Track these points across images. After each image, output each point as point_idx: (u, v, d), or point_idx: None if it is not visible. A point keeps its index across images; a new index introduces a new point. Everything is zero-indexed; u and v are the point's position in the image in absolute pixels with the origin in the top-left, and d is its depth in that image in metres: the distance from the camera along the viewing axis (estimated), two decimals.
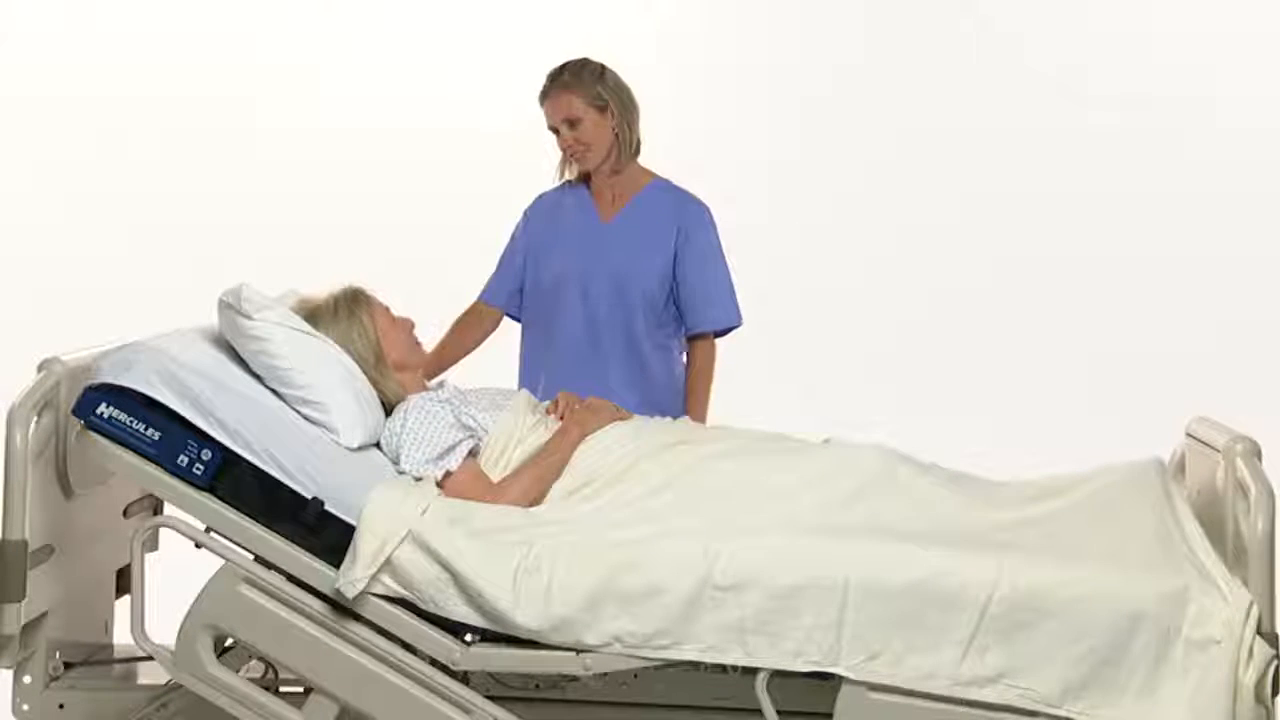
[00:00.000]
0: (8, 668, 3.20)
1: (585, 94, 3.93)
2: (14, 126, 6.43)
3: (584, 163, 4.00)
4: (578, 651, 2.96)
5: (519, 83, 4.04)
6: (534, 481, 3.22)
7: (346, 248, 5.85)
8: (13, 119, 6.45)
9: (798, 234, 6.47)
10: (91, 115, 6.46)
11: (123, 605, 3.34)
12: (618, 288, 3.98)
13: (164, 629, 3.10)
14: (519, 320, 4.14)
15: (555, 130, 3.98)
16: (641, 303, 3.98)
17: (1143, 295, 6.43)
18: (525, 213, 4.14)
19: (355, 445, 3.18)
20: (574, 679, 3.26)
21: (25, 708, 3.23)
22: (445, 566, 2.96)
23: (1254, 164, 6.42)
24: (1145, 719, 2.82)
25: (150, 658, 3.13)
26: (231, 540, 3.06)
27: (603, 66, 3.99)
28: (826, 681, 2.92)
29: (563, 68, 3.98)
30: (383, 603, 3.00)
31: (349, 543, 2.98)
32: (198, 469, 3.04)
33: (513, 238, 4.14)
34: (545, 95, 3.97)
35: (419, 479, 3.17)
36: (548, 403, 3.55)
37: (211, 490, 3.05)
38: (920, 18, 6.63)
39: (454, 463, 3.21)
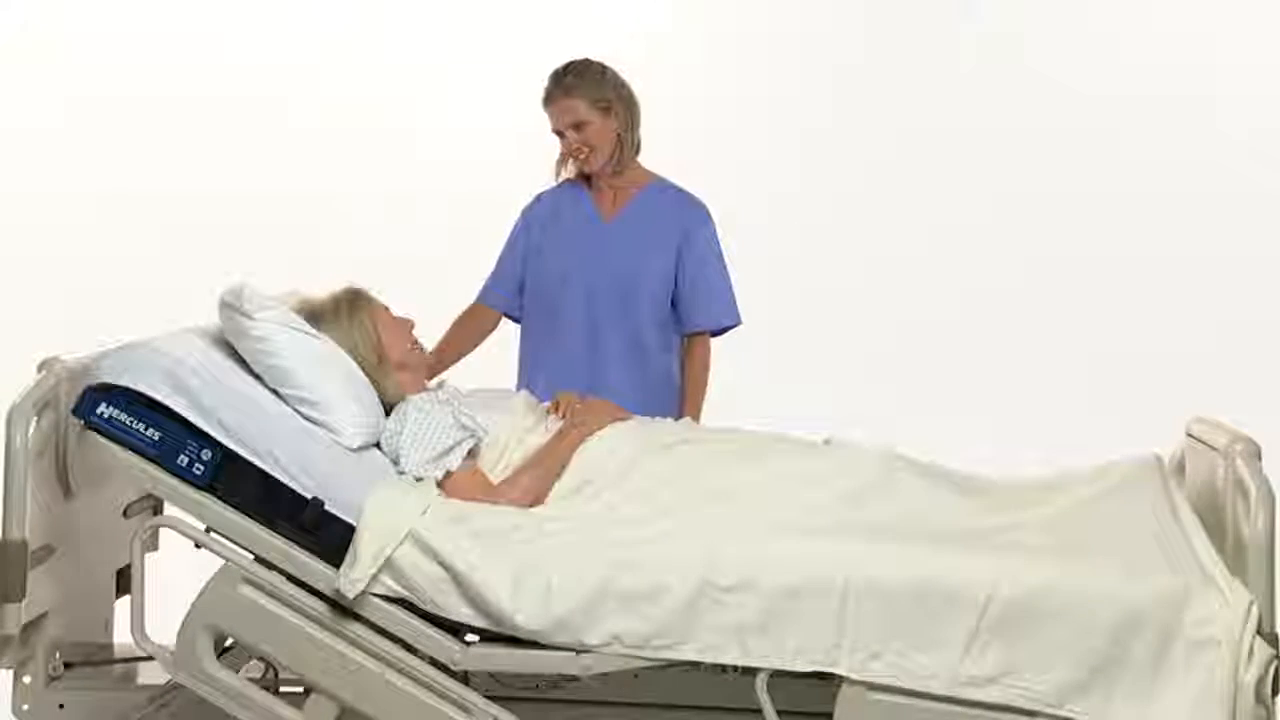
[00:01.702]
0: (8, 668, 3.20)
1: (589, 97, 3.92)
2: (14, 126, 6.43)
3: (588, 165, 3.99)
4: (578, 651, 2.96)
5: (520, 82, 4.04)
6: (534, 482, 3.22)
7: (347, 248, 5.85)
8: (12, 119, 6.45)
9: (798, 234, 6.47)
10: (91, 115, 6.46)
11: (123, 605, 3.34)
12: (620, 288, 3.98)
13: (164, 629, 3.10)
14: (518, 321, 4.14)
15: (560, 133, 3.98)
16: (643, 302, 3.98)
17: (1143, 295, 6.42)
18: (524, 213, 4.13)
19: (355, 445, 3.18)
20: (574, 679, 3.26)
21: (25, 708, 3.23)
22: (445, 567, 2.96)
23: (1254, 164, 6.42)
24: (1145, 719, 2.83)
25: (150, 658, 3.13)
26: (231, 540, 3.06)
27: (604, 67, 3.97)
28: (826, 681, 2.92)
29: (566, 70, 3.96)
30: (383, 603, 3.00)
31: (349, 543, 2.98)
32: (198, 469, 3.04)
33: (511, 238, 4.13)
34: (549, 99, 3.95)
35: (419, 479, 3.17)
36: (547, 403, 3.55)
37: (211, 490, 3.05)
38: (921, 17, 6.63)
39: (454, 463, 3.21)
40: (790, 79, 6.56)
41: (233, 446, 3.05)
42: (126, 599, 3.24)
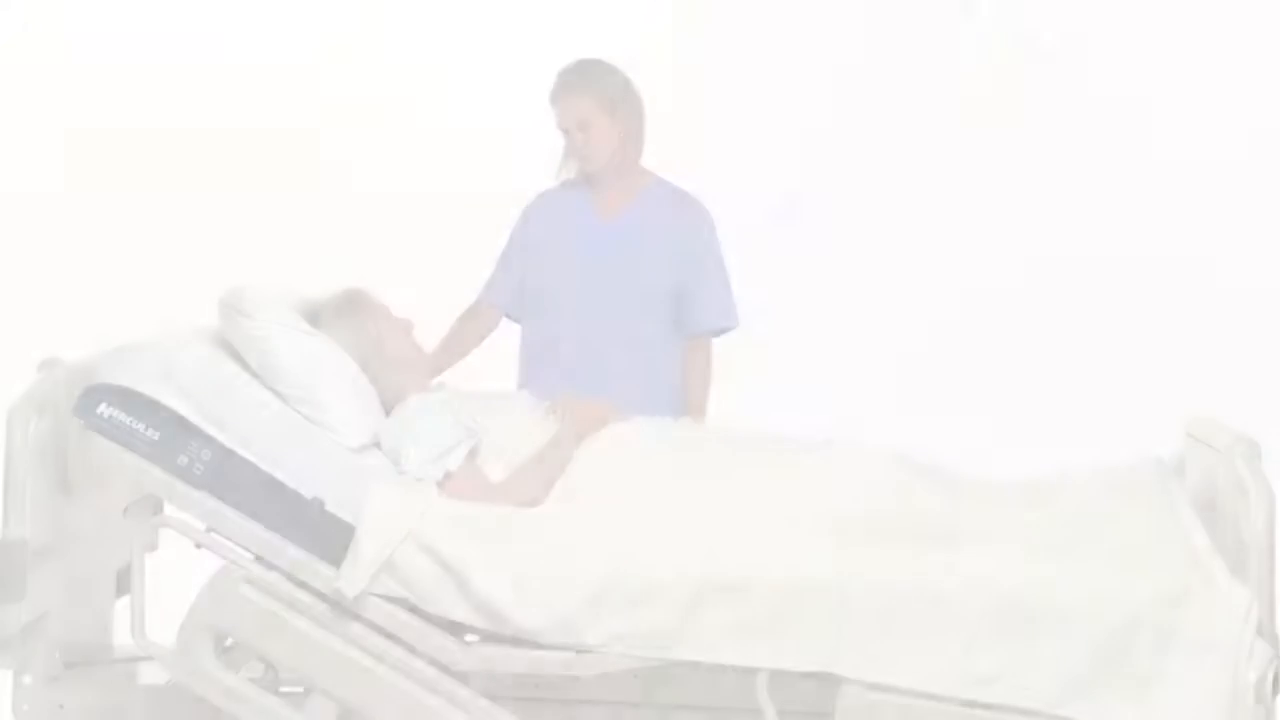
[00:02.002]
0: (8, 668, 3.20)
1: (596, 97, 3.93)
2: (14, 126, 6.43)
3: (591, 164, 3.99)
4: (578, 651, 2.96)
5: (520, 82, 4.04)
6: (534, 482, 3.22)
7: (347, 247, 5.85)
8: (13, 119, 6.45)
9: (798, 234, 6.47)
10: (91, 114, 6.46)
11: (123, 605, 3.34)
12: (620, 288, 3.98)
13: (164, 629, 3.10)
14: (518, 320, 4.14)
15: (564, 130, 3.98)
16: (644, 303, 3.98)
17: (1142, 295, 6.42)
18: (525, 212, 4.14)
19: (355, 445, 3.18)
20: (574, 679, 3.26)
21: (25, 708, 3.22)
22: (445, 567, 2.96)
23: (1255, 163, 6.42)
24: (1145, 719, 2.83)
25: (150, 658, 3.13)
26: (231, 540, 3.06)
27: (614, 68, 3.98)
28: (826, 681, 2.92)
29: (575, 68, 3.97)
30: (383, 603, 3.00)
31: (349, 543, 2.99)
32: (197, 468, 3.04)
33: (512, 237, 4.14)
34: (556, 95, 3.96)
35: (419, 479, 3.17)
36: (548, 403, 3.55)
37: (211, 490, 3.05)
38: (921, 17, 6.63)
39: (454, 463, 3.20)
40: (790, 79, 6.56)
41: (232, 446, 3.05)
42: (126, 599, 3.24)
